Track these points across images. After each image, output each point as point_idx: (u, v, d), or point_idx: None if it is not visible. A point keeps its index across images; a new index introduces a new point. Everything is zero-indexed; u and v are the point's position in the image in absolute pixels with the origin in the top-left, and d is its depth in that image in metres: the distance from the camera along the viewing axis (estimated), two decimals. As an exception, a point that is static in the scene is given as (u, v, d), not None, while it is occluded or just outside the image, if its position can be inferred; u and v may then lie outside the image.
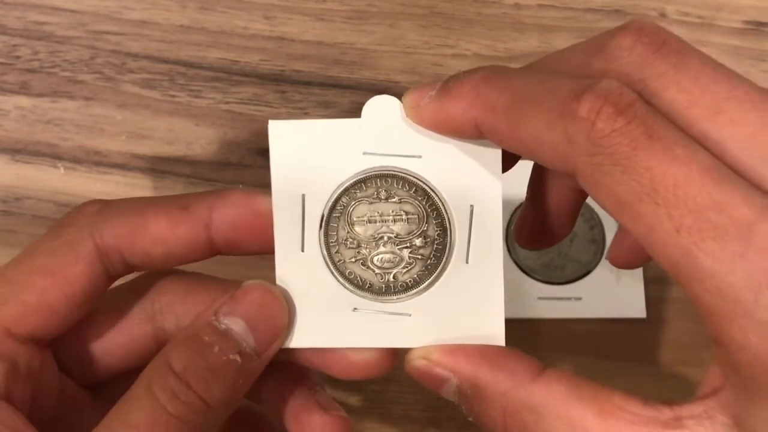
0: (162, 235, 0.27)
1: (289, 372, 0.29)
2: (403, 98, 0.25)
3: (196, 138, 0.43)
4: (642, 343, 0.40)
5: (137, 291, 0.29)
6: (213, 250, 0.28)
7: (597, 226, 0.40)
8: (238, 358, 0.25)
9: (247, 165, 0.42)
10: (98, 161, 0.42)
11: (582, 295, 0.40)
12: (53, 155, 0.42)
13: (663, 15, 0.44)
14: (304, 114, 0.43)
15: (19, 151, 0.43)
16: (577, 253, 0.40)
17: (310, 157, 0.26)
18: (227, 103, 0.43)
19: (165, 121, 0.43)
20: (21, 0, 0.44)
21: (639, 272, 0.40)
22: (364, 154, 0.26)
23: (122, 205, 0.28)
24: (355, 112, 0.42)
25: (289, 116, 0.43)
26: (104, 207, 0.27)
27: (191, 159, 0.42)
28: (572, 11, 0.44)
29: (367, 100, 0.26)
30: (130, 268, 0.28)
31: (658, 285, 0.40)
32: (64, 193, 0.42)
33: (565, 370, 0.23)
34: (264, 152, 0.42)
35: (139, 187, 0.42)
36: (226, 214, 0.27)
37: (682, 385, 0.39)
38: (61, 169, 0.42)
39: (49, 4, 0.44)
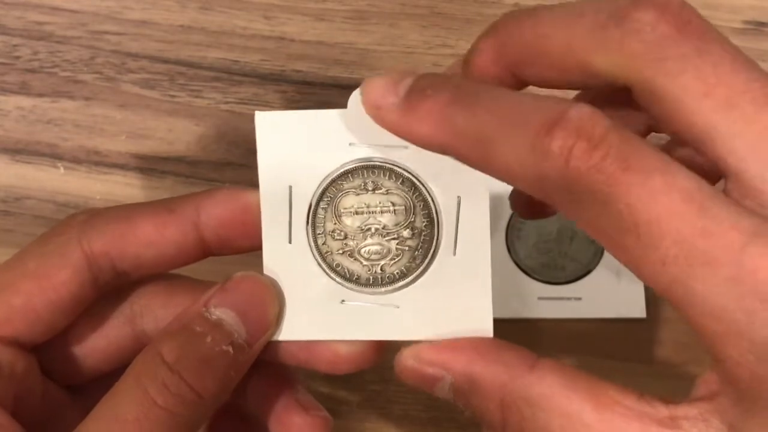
0: (150, 237, 0.27)
1: (271, 372, 0.29)
2: (361, 88, 0.24)
3: (196, 138, 0.43)
4: (642, 343, 0.40)
5: (116, 294, 0.28)
6: (204, 250, 0.28)
7: (597, 226, 0.40)
8: (231, 349, 0.25)
9: (247, 165, 0.42)
10: (98, 161, 0.42)
11: (582, 295, 0.40)
12: (53, 155, 0.42)
13: (663, 15, 0.44)
14: (304, 114, 0.43)
15: (19, 151, 0.43)
16: (577, 253, 0.40)
17: (297, 148, 0.26)
18: (227, 103, 0.43)
19: (165, 121, 0.43)
20: (21, 0, 0.44)
21: (639, 272, 0.40)
22: (350, 144, 0.26)
23: (110, 212, 0.28)
24: (355, 112, 0.42)
25: (289, 116, 0.43)
26: (93, 215, 0.27)
27: (191, 159, 0.42)
28: (572, 11, 0.44)
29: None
30: (120, 275, 0.27)
31: (658, 285, 0.40)
32: (64, 193, 0.42)
33: (557, 360, 0.23)
34: (264, 152, 0.42)
35: (139, 187, 0.42)
36: (214, 211, 0.27)
37: (682, 385, 0.39)
38: (61, 169, 0.42)
39: (49, 4, 0.44)
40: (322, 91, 0.43)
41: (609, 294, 0.40)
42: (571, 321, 0.40)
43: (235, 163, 0.42)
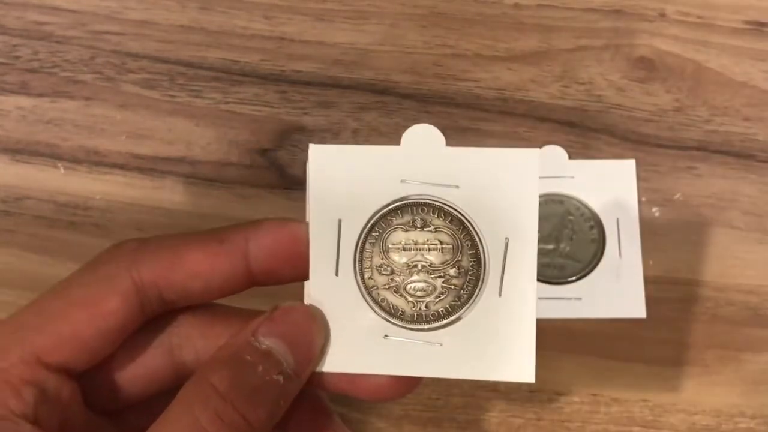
0: (200, 268, 0.27)
1: (308, 400, 0.29)
2: None
3: (196, 138, 0.42)
4: (642, 343, 0.40)
5: (154, 325, 0.28)
6: (250, 281, 0.28)
7: (597, 226, 0.40)
8: (281, 379, 0.25)
9: (247, 165, 0.42)
10: (98, 161, 0.42)
11: (582, 295, 0.40)
12: (53, 155, 0.42)
13: (663, 15, 0.44)
14: (304, 114, 0.43)
15: (19, 151, 0.43)
16: (577, 253, 0.40)
17: (348, 182, 0.26)
18: (227, 103, 0.43)
19: (165, 121, 0.43)
20: (21, 0, 0.44)
21: (639, 272, 0.40)
22: (401, 181, 0.26)
23: (160, 241, 0.28)
24: (355, 112, 0.42)
25: (289, 116, 0.43)
26: (142, 244, 0.27)
27: (191, 159, 0.42)
28: (572, 11, 0.44)
29: (367, 100, 0.26)
30: (167, 304, 0.27)
31: (658, 285, 0.40)
32: (64, 193, 0.42)
33: None
34: (264, 152, 0.42)
35: (139, 187, 0.42)
36: (263, 242, 0.27)
37: (683, 386, 0.39)
38: (61, 169, 0.42)
39: (49, 4, 0.44)
40: (322, 91, 0.43)
41: (609, 294, 0.40)
42: (571, 321, 0.40)
43: (235, 163, 0.42)
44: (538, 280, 0.40)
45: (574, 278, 0.40)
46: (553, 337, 0.40)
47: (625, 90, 0.43)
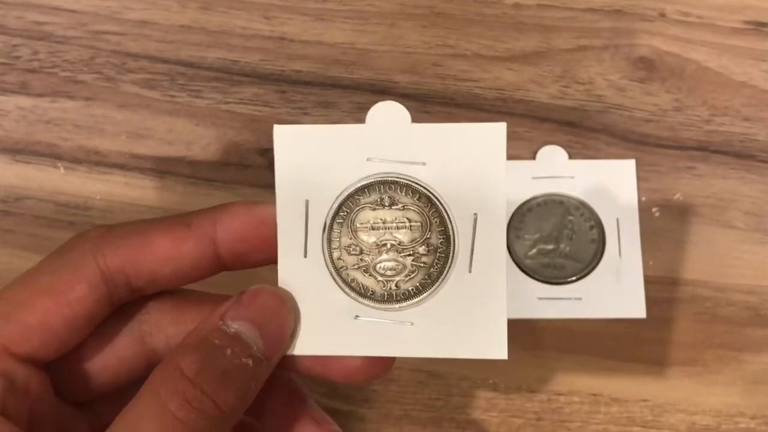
0: (167, 253, 0.27)
1: (283, 386, 0.29)
2: None
3: (196, 138, 0.42)
4: (642, 343, 0.40)
5: (124, 313, 0.28)
6: (219, 265, 0.27)
7: (597, 226, 0.40)
8: (251, 362, 0.24)
9: (247, 165, 0.42)
10: (98, 161, 0.42)
11: (582, 295, 0.40)
12: (53, 155, 0.42)
13: (663, 15, 0.44)
14: (304, 114, 0.43)
15: (19, 151, 0.43)
16: (577, 253, 0.40)
17: (315, 162, 0.26)
18: (227, 103, 0.43)
19: (165, 121, 0.43)
20: (21, 0, 0.44)
21: (639, 272, 0.40)
22: (367, 160, 0.26)
23: (126, 227, 0.27)
24: (355, 112, 0.42)
25: (289, 116, 0.43)
26: (108, 231, 0.27)
27: (191, 159, 0.42)
28: (572, 11, 0.44)
29: (367, 100, 0.26)
30: (135, 291, 0.27)
31: (658, 285, 0.40)
32: (64, 193, 0.42)
33: None
34: (264, 152, 0.42)
35: (139, 187, 0.42)
36: (230, 225, 0.27)
37: (683, 385, 0.39)
38: (61, 169, 0.42)
39: (49, 4, 0.44)
40: (322, 91, 0.43)
41: (609, 294, 0.39)
42: (571, 321, 0.40)
43: (235, 163, 0.42)
44: (539, 280, 0.40)
45: (574, 278, 0.40)
46: (553, 337, 0.40)
47: (625, 90, 0.43)
